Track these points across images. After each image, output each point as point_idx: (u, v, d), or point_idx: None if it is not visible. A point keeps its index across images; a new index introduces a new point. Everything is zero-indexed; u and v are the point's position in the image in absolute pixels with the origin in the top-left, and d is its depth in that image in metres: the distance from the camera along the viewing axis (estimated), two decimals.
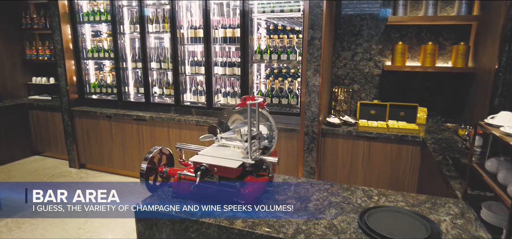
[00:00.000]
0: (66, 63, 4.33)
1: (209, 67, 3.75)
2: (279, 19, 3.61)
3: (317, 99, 3.19)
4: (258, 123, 1.56)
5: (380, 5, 3.62)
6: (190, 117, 3.84)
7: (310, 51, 3.13)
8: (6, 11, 5.04)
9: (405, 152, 3.14)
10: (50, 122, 4.76)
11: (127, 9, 4.26)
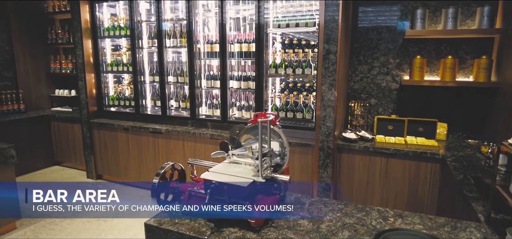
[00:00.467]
0: (86, 76, 4.46)
1: (225, 81, 3.77)
2: (295, 33, 3.61)
3: (332, 114, 3.14)
4: (270, 141, 1.54)
5: (397, 18, 3.57)
6: (205, 130, 3.86)
7: (325, 65, 3.10)
8: (34, 27, 5.28)
9: (424, 169, 3.04)
10: (70, 134, 4.90)
11: (146, 24, 4.36)
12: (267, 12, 3.48)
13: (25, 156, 4.74)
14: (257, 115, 1.64)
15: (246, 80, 3.76)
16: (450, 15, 3.20)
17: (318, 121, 3.19)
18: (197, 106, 4.03)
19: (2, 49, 5.03)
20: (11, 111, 4.91)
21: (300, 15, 3.41)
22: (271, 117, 1.57)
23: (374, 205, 2.96)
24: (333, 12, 3.01)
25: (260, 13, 3.46)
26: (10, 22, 5.02)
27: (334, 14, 3.01)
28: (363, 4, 3.65)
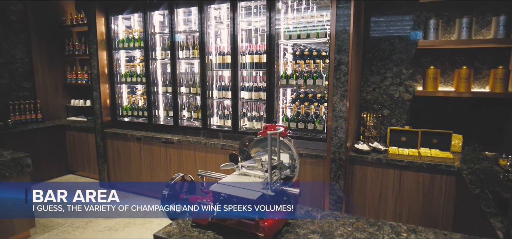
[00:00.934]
0: (101, 87, 4.56)
1: (236, 92, 3.79)
2: (306, 44, 3.61)
3: (344, 125, 3.11)
4: (279, 153, 1.54)
5: (409, 28, 3.53)
6: (216, 140, 3.87)
7: (336, 76, 3.08)
8: (53, 40, 5.45)
9: (438, 182, 2.96)
10: (84, 143, 4.99)
11: (159, 36, 4.45)
12: (278, 23, 3.50)
13: (41, 164, 4.85)
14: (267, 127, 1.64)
15: (257, 91, 3.77)
16: (465, 25, 3.15)
17: (329, 132, 3.16)
18: (208, 116, 4.06)
19: (22, 61, 5.20)
20: (29, 121, 5.05)
21: (311, 26, 3.41)
22: (280, 129, 1.56)
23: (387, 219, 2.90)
24: (344, 23, 3.00)
25: (271, 25, 3.48)
26: (30, 35, 5.20)
27: (346, 25, 3.00)
28: (375, 15, 3.63)
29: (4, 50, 5.02)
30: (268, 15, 3.47)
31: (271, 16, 3.47)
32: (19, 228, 3.20)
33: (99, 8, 4.47)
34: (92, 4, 4.42)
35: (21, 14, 5.16)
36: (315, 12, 3.45)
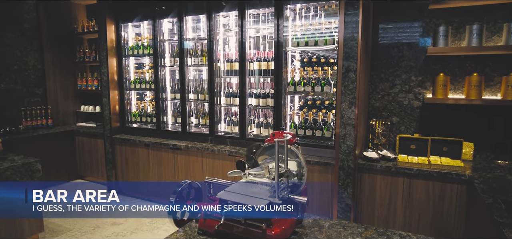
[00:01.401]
0: (110, 93, 4.61)
1: (243, 98, 3.80)
2: (314, 51, 3.60)
3: (352, 132, 3.08)
4: (286, 161, 1.53)
5: (419, 35, 3.50)
6: (223, 147, 3.87)
7: (345, 83, 3.06)
8: (64, 47, 5.56)
9: (449, 191, 2.91)
10: (93, 148, 5.04)
11: (168, 43, 4.49)
12: (286, 30, 3.51)
13: (51, 169, 4.91)
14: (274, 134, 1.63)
15: (264, 98, 3.78)
16: (475, 32, 3.11)
17: (338, 139, 3.14)
18: (216, 123, 4.07)
19: (35, 68, 5.30)
20: (40, 126, 5.13)
21: (319, 33, 3.41)
22: (288, 137, 1.55)
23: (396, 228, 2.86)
24: (353, 29, 2.99)
25: (279, 32, 3.49)
26: (43, 43, 5.31)
27: (354, 32, 2.99)
28: (384, 21, 3.61)
29: (17, 57, 5.13)
30: (276, 22, 3.49)
31: (279, 23, 3.48)
32: (28, 231, 3.23)
33: (109, 16, 4.54)
34: (102, 11, 4.50)
35: (34, 22, 5.28)
36: (323, 19, 3.45)
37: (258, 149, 1.79)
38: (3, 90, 4.99)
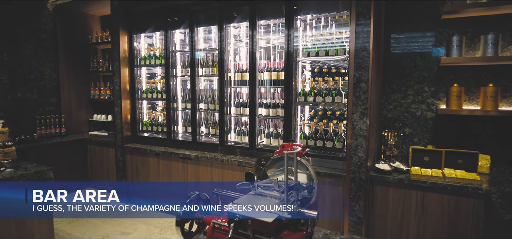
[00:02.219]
0: (122, 102, 4.67)
1: (254, 108, 3.79)
2: (324, 61, 3.58)
3: (364, 144, 3.03)
4: (296, 173, 1.50)
5: (431, 45, 3.45)
6: (233, 157, 3.86)
7: (356, 94, 3.03)
8: (79, 57, 5.68)
9: (464, 205, 2.82)
10: (104, 157, 5.10)
11: (180, 54, 4.54)
12: (297, 41, 3.51)
13: (62, 177, 4.97)
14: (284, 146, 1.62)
15: (275, 108, 3.76)
16: (490, 42, 3.05)
17: (349, 151, 3.09)
18: (226, 132, 4.07)
19: (50, 77, 5.43)
20: (53, 134, 5.23)
21: (329, 43, 3.40)
22: (298, 149, 1.53)
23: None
24: (364, 40, 2.97)
25: (289, 42, 3.49)
26: (59, 53, 5.44)
27: (365, 42, 2.97)
28: (395, 31, 3.58)
29: (34, 67, 5.26)
30: (286, 33, 3.49)
31: (289, 33, 3.48)
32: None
33: (122, 27, 4.63)
34: (115, 22, 4.59)
35: (51, 33, 5.42)
36: (334, 29, 3.44)
37: (267, 161, 1.77)
38: (19, 99, 5.12)
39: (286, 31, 3.49)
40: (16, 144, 4.66)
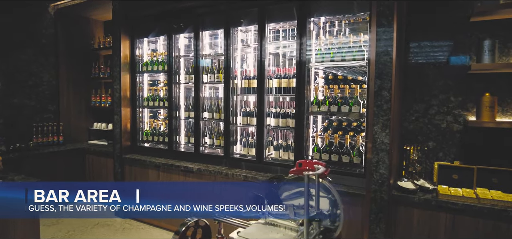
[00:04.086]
0: (122, 110, 4.41)
1: (262, 118, 3.49)
2: (339, 68, 3.28)
3: (386, 159, 2.70)
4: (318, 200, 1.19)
5: (458, 50, 3.12)
6: (239, 171, 3.55)
7: (377, 103, 2.71)
8: (80, 63, 5.46)
9: (505, 233, 2.45)
10: (103, 168, 4.82)
11: (184, 60, 4.28)
12: (309, 45, 3.22)
13: None
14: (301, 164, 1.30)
15: (284, 118, 3.45)
16: None
17: (369, 167, 2.76)
18: (231, 144, 3.76)
19: (50, 84, 5.21)
20: (51, 143, 4.98)
21: (346, 48, 3.10)
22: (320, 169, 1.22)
23: None
24: (386, 44, 2.66)
25: (302, 47, 3.20)
26: (59, 58, 5.23)
27: (388, 46, 2.66)
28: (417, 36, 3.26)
29: (33, 73, 5.05)
30: (298, 37, 3.20)
31: (301, 38, 3.19)
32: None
33: (124, 31, 4.40)
34: (117, 26, 4.36)
35: (52, 38, 5.22)
36: (350, 33, 3.14)
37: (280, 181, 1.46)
38: (16, 106, 4.90)
39: (298, 35, 3.21)
40: (10, 152, 4.42)
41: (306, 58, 3.20)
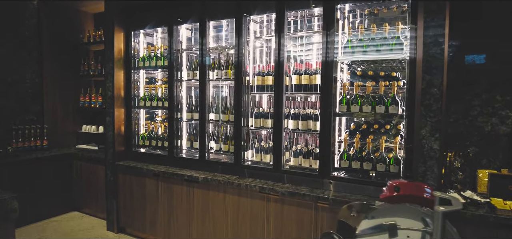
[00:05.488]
0: (115, 111, 3.90)
1: (280, 120, 3.03)
2: (373, 62, 2.86)
3: (436, 169, 2.28)
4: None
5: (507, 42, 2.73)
6: (253, 181, 3.08)
7: (425, 102, 2.29)
8: (67, 59, 4.91)
9: None
10: (93, 176, 4.29)
11: (186, 54, 3.81)
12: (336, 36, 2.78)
13: (41, 200, 4.15)
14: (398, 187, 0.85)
15: (305, 119, 3.01)
16: None
17: (415, 177, 2.33)
18: (243, 149, 3.29)
19: (32, 81, 4.65)
20: (33, 148, 4.42)
21: (381, 38, 2.67)
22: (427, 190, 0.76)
23: None
24: (436, 32, 2.25)
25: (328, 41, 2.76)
26: (43, 53, 4.68)
27: (438, 36, 2.24)
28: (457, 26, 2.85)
29: (13, 69, 4.48)
30: (325, 27, 2.76)
31: (328, 28, 2.75)
32: None
33: (118, 22, 3.89)
34: (110, 16, 3.85)
35: (35, 30, 4.67)
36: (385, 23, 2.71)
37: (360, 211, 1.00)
38: None
39: (324, 24, 2.77)
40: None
41: (333, 52, 2.76)
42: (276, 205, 2.90)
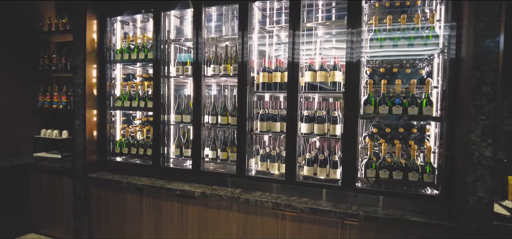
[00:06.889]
0: (86, 113, 3.26)
1: (294, 123, 2.62)
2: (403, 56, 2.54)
3: (488, 178, 1.98)
4: None
5: None
6: (261, 195, 2.62)
7: (476, 102, 1.99)
8: (23, 51, 4.10)
9: None
10: (56, 190, 3.55)
11: (174, 46, 3.29)
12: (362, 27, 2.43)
13: None
14: None
15: (320, 122, 2.62)
16: None
17: (462, 188, 2.02)
18: (247, 157, 2.82)
19: None
20: None
21: (412, 28, 2.36)
22: None
23: None
24: (489, 20, 1.96)
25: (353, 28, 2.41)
26: None
27: (492, 27, 1.96)
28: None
29: None
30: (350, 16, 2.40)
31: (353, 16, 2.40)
32: None
33: (91, 8, 3.27)
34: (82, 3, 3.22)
35: None
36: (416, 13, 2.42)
37: None
38: None
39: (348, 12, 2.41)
40: None
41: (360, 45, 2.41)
42: (293, 224, 2.46)
